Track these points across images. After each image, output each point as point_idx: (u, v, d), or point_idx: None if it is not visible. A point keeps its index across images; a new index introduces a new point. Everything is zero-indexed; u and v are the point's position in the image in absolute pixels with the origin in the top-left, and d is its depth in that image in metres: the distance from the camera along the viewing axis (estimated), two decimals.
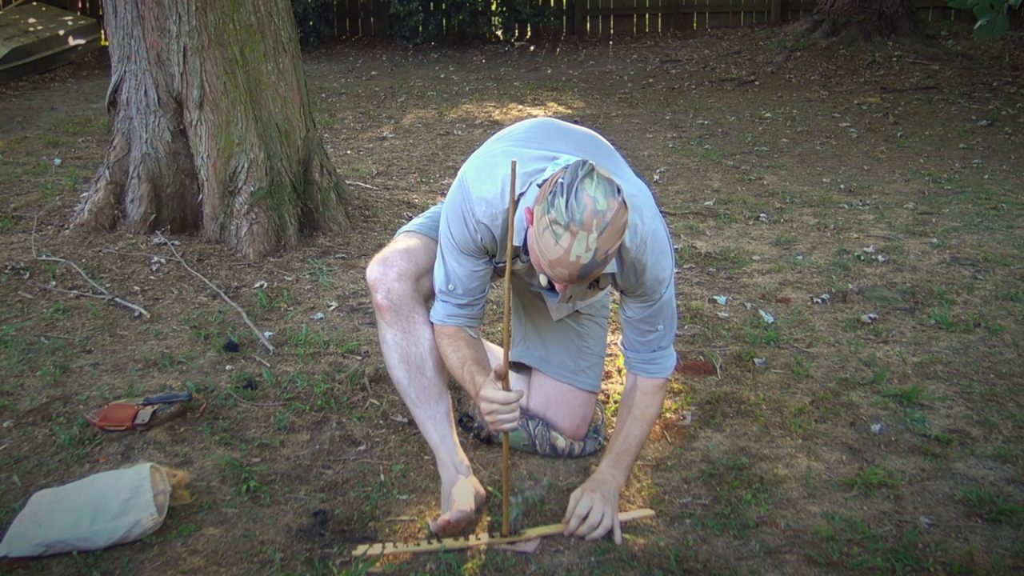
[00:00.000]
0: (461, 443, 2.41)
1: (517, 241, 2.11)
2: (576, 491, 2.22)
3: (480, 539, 2.15)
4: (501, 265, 2.25)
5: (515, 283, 2.52)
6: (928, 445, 2.55)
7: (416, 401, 2.36)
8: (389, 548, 2.11)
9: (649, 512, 2.26)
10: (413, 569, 2.07)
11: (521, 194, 2.10)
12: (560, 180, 1.90)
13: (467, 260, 2.23)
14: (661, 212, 2.27)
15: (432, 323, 2.32)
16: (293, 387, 2.88)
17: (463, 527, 2.18)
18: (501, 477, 2.25)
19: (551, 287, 2.17)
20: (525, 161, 2.13)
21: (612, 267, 2.14)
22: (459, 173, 2.25)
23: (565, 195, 1.87)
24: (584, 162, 1.93)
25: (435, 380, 2.36)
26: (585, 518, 2.15)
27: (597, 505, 2.17)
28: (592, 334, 2.59)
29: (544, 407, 2.54)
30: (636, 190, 2.19)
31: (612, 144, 2.41)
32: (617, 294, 2.32)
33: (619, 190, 1.91)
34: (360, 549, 2.10)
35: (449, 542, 2.13)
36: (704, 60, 9.87)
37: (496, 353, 2.87)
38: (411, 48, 10.73)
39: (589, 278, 1.97)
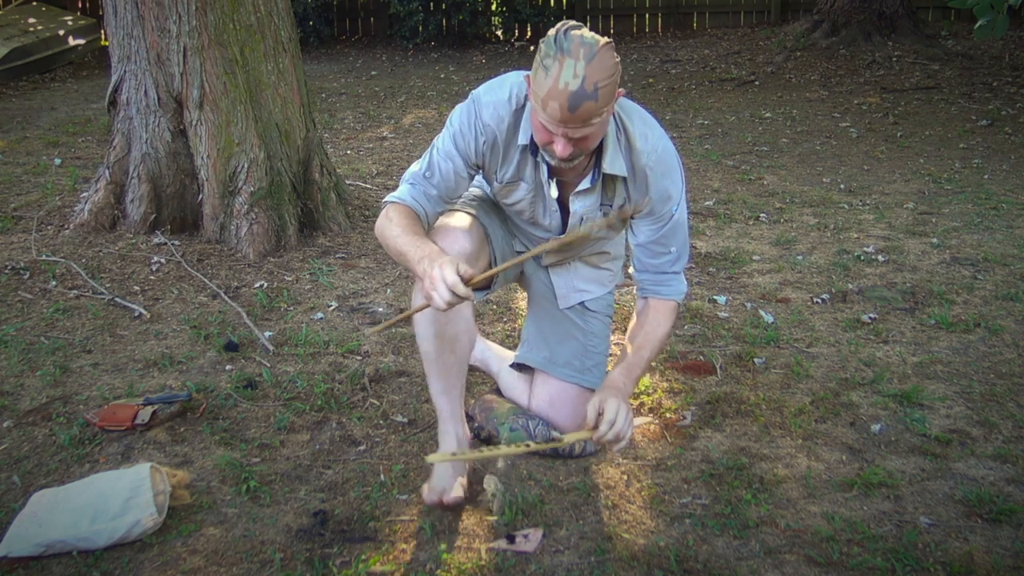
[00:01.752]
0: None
1: (523, 139, 2.16)
2: (596, 396, 2.14)
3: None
4: (505, 184, 2.27)
5: (532, 273, 2.55)
6: (928, 445, 2.55)
7: (439, 375, 2.33)
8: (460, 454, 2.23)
9: (652, 420, 2.25)
10: (413, 569, 2.07)
11: (525, 98, 2.15)
12: (551, 31, 1.99)
13: (458, 159, 2.23)
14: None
15: (386, 202, 2.25)
16: (293, 387, 2.88)
17: (453, 509, 2.22)
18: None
19: (559, 206, 2.22)
20: None
21: (622, 169, 2.17)
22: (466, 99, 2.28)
23: (555, 34, 1.97)
24: (573, 21, 2.03)
25: (462, 359, 2.36)
26: (612, 424, 2.08)
27: (623, 411, 2.10)
28: (597, 332, 2.59)
29: (548, 407, 2.54)
30: (650, 117, 2.25)
31: None
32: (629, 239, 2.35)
33: (608, 41, 1.99)
34: (432, 456, 2.14)
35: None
36: (704, 60, 9.87)
37: (496, 352, 2.87)
38: (411, 48, 10.73)
39: (581, 114, 1.95)
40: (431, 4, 10.60)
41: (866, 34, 9.61)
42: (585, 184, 2.22)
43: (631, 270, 2.41)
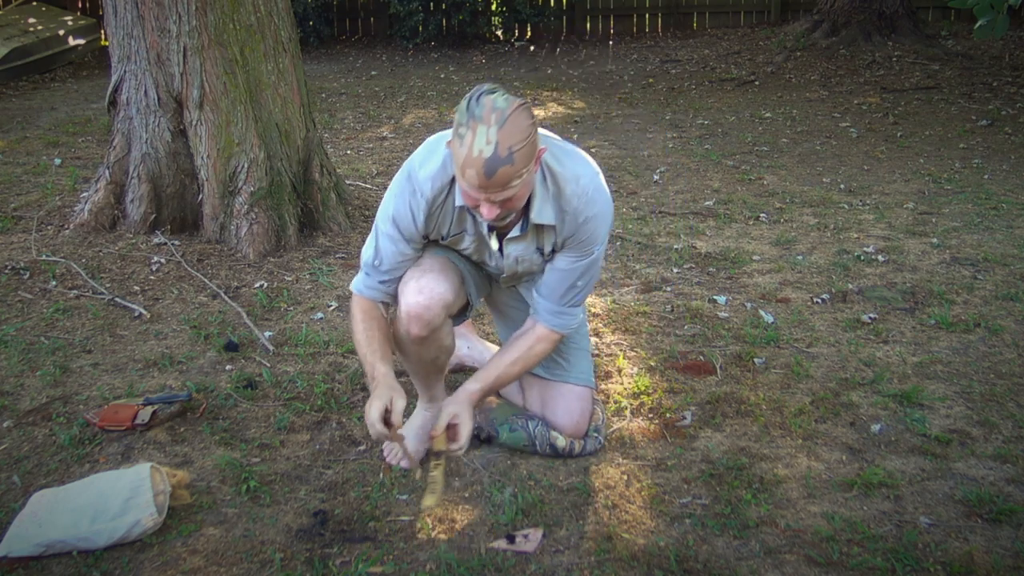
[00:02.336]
0: None
1: (459, 202, 2.20)
2: (450, 408, 2.26)
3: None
4: (449, 238, 2.33)
5: (499, 295, 2.60)
6: (928, 445, 2.55)
7: (422, 384, 2.56)
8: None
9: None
10: (413, 569, 2.07)
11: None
12: (465, 97, 2.02)
13: (401, 243, 2.29)
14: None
15: (352, 290, 2.41)
16: (293, 387, 2.88)
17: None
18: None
19: (498, 245, 2.30)
20: None
21: (550, 218, 2.20)
22: (408, 159, 2.30)
23: (467, 101, 2.00)
24: (488, 83, 2.06)
25: (443, 368, 2.56)
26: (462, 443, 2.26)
27: (469, 427, 2.26)
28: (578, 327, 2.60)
29: (541, 407, 2.55)
30: (585, 159, 2.27)
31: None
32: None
33: (523, 102, 2.00)
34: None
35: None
36: (704, 60, 9.87)
37: (492, 349, 2.87)
38: (411, 48, 10.73)
39: (499, 180, 1.97)
40: (431, 4, 10.60)
41: (866, 34, 9.61)
42: (515, 232, 2.27)
43: (534, 291, 2.41)
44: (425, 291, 2.28)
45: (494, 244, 2.29)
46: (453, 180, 2.18)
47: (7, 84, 8.78)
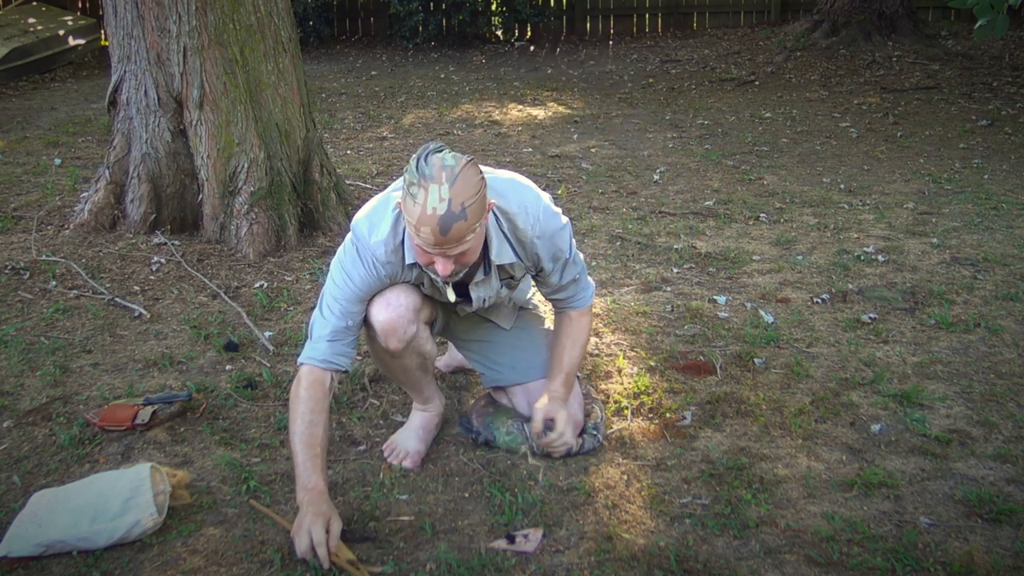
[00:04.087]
0: (461, 444, 2.42)
1: (410, 259, 2.22)
2: (544, 406, 2.42)
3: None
4: (410, 276, 2.32)
5: (453, 318, 2.60)
6: (928, 445, 2.55)
7: (412, 390, 2.57)
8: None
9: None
10: (413, 569, 2.07)
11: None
12: (412, 157, 2.06)
13: (362, 306, 2.29)
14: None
15: (304, 364, 2.27)
16: None
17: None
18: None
19: (459, 294, 2.33)
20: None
21: (510, 256, 2.27)
22: (353, 226, 2.29)
23: (416, 161, 2.03)
24: (434, 143, 2.09)
25: (429, 371, 2.54)
26: (562, 434, 2.40)
27: (567, 421, 2.42)
28: (536, 323, 2.67)
29: (529, 408, 2.54)
30: (525, 186, 2.31)
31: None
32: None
33: (470, 159, 2.05)
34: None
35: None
36: (704, 60, 9.87)
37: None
38: (411, 48, 10.73)
39: (454, 235, 2.02)
40: (431, 4, 10.60)
41: (866, 34, 9.61)
42: (479, 276, 2.31)
43: (547, 296, 2.50)
44: (393, 303, 2.29)
45: (451, 296, 2.30)
46: (403, 241, 2.21)
47: (7, 84, 8.78)
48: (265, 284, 3.70)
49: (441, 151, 2.05)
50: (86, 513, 2.14)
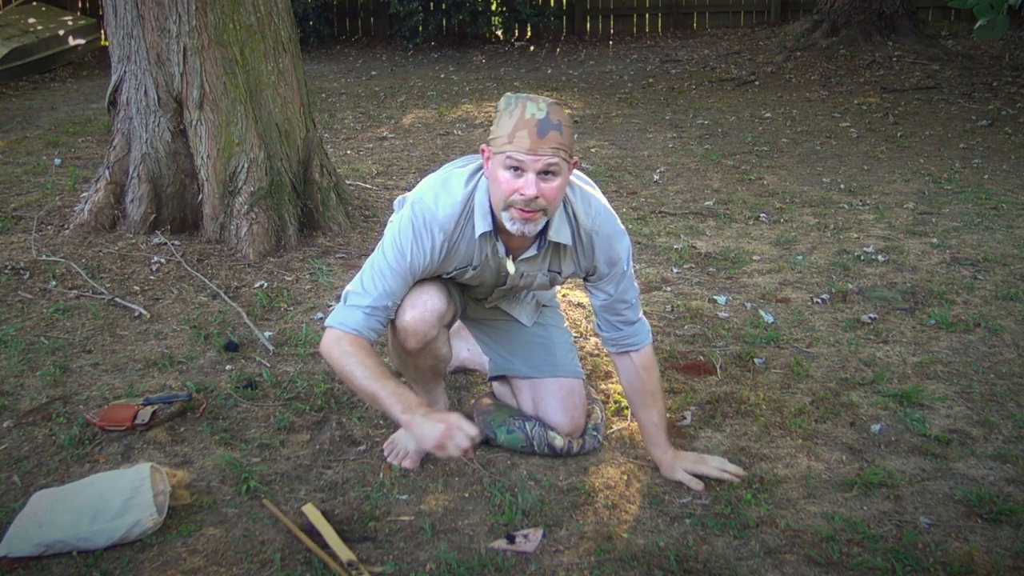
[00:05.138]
0: None
1: (482, 227, 2.20)
2: (675, 474, 2.39)
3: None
4: (454, 272, 2.32)
5: (479, 312, 2.60)
6: (928, 445, 2.55)
7: (422, 389, 2.52)
8: None
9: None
10: (413, 569, 2.07)
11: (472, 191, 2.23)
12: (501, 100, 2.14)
13: (410, 278, 2.26)
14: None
15: (337, 328, 2.22)
16: (293, 387, 2.88)
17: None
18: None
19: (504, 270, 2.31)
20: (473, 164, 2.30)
21: (567, 238, 2.25)
22: (408, 202, 2.28)
23: (506, 97, 2.12)
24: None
25: (440, 374, 2.56)
26: (720, 468, 2.41)
27: (704, 460, 2.43)
28: (556, 323, 2.67)
29: (534, 406, 2.56)
30: (594, 192, 2.35)
31: None
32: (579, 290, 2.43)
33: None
34: None
35: None
36: (704, 60, 9.87)
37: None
38: (411, 48, 10.73)
39: (549, 141, 2.04)
40: (431, 4, 10.60)
41: (866, 34, 9.61)
42: (531, 252, 2.29)
43: (604, 331, 2.44)
44: (419, 305, 2.29)
45: (511, 267, 2.30)
46: (469, 209, 2.22)
47: (7, 84, 8.78)
48: (265, 284, 3.70)
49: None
50: (86, 513, 2.13)
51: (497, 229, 2.23)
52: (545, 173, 2.08)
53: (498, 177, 2.12)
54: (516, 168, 2.08)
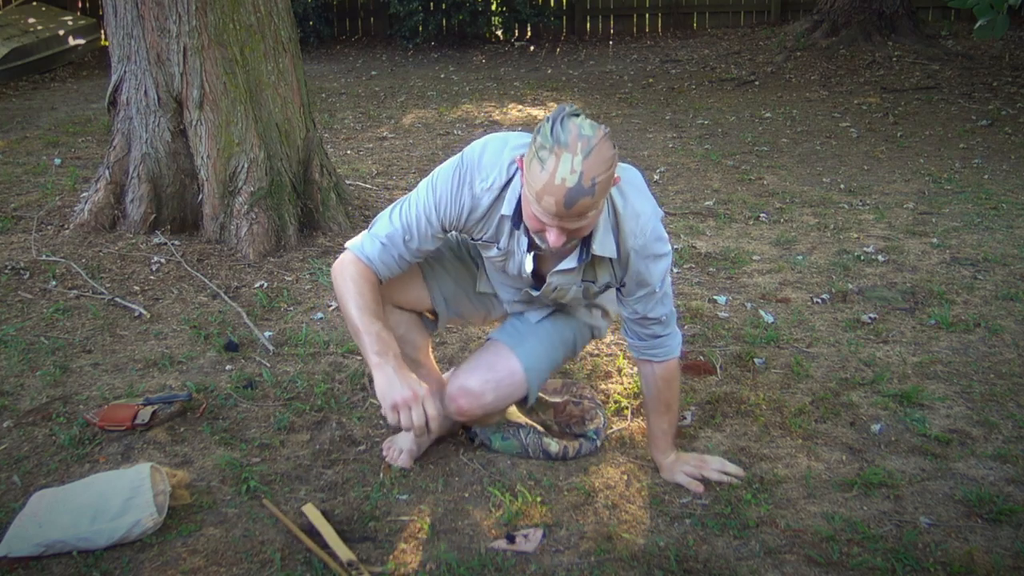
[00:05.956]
0: (461, 444, 2.44)
1: (506, 210, 2.10)
2: (674, 478, 2.39)
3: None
4: (482, 242, 2.21)
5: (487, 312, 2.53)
6: (928, 445, 2.55)
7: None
8: None
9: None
10: (413, 569, 2.07)
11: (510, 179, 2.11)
12: (546, 117, 1.93)
13: (436, 225, 2.17)
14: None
15: (351, 251, 2.21)
16: (293, 387, 2.88)
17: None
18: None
19: (533, 275, 2.20)
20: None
21: (611, 251, 2.11)
22: (464, 151, 2.18)
23: (551, 123, 1.90)
24: (570, 105, 1.96)
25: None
26: (720, 470, 2.41)
27: (705, 462, 2.42)
28: (565, 316, 2.49)
29: (467, 366, 2.40)
30: (647, 195, 2.18)
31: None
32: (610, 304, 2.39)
33: (607, 130, 1.93)
34: None
35: None
36: (704, 60, 9.87)
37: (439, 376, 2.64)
38: (411, 48, 10.73)
39: (576, 210, 1.90)
40: (431, 4, 10.60)
41: (866, 34, 9.61)
42: (569, 264, 2.16)
43: (633, 339, 2.34)
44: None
45: (528, 266, 2.17)
46: (506, 184, 2.10)
47: (7, 84, 8.78)
48: (265, 284, 3.70)
49: (578, 116, 1.91)
50: (86, 513, 2.13)
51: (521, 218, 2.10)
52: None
53: (526, 210, 2.00)
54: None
